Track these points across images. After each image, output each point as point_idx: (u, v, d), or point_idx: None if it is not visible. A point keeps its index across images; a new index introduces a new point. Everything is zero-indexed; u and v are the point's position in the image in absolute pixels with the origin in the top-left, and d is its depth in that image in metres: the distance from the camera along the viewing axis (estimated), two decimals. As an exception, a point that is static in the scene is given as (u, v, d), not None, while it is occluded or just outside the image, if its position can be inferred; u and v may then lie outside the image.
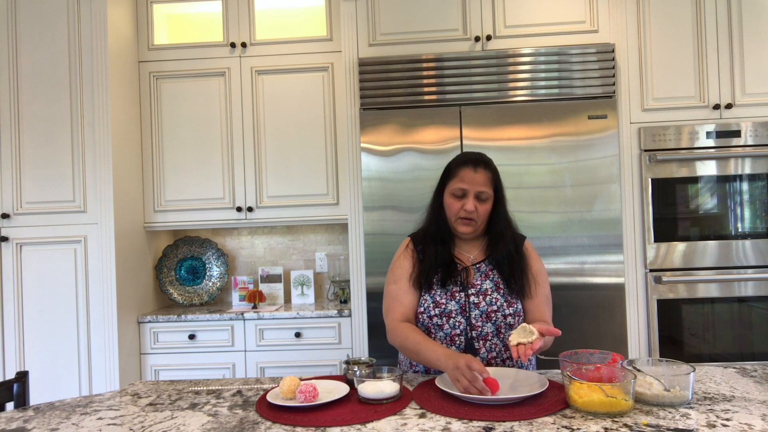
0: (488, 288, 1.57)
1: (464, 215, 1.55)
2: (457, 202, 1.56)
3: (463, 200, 1.55)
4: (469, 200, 1.54)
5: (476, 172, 1.54)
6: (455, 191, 1.56)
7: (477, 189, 1.54)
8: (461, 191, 1.55)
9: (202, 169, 2.89)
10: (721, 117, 2.57)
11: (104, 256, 2.55)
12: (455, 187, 1.56)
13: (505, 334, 1.54)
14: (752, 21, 2.56)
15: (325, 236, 3.20)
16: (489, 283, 1.58)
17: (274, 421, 1.16)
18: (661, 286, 2.52)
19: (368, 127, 2.52)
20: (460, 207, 1.55)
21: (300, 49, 2.88)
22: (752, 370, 1.45)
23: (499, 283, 1.58)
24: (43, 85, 2.57)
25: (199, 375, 2.68)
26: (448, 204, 1.58)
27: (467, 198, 1.54)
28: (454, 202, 1.56)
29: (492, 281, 1.58)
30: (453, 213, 1.57)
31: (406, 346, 1.49)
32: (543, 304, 1.60)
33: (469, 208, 1.54)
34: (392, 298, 1.61)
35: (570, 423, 1.09)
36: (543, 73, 2.52)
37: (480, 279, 1.58)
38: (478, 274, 1.60)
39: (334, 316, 2.66)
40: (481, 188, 1.54)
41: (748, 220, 2.52)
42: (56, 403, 1.35)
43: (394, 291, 1.61)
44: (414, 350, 1.46)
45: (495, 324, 1.54)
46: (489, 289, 1.56)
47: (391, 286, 1.63)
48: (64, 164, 2.57)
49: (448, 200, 1.58)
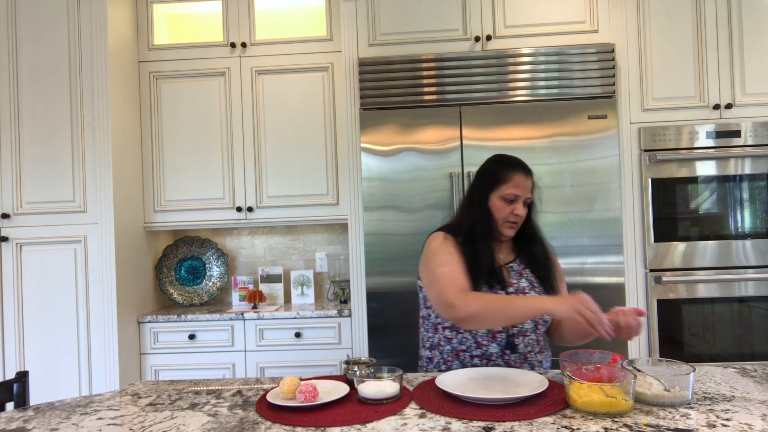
0: (525, 286, 1.60)
1: (513, 219, 1.59)
2: (507, 206, 1.58)
3: (514, 205, 1.58)
4: (520, 205, 1.58)
5: (527, 178, 1.59)
6: (507, 196, 1.57)
7: (527, 195, 1.59)
8: (514, 196, 1.58)
9: (202, 169, 2.89)
10: (721, 117, 2.56)
11: (104, 256, 2.55)
12: (508, 192, 1.57)
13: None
14: (752, 21, 2.56)
15: (325, 236, 3.20)
16: (524, 281, 1.61)
17: (274, 421, 1.16)
18: (661, 286, 2.52)
19: (368, 127, 2.52)
20: (510, 211, 1.58)
21: (300, 49, 2.89)
22: (752, 370, 1.45)
23: (533, 282, 1.62)
24: (43, 84, 2.57)
25: (199, 375, 2.68)
26: (498, 207, 1.59)
27: (517, 203, 1.58)
28: (504, 206, 1.58)
29: (527, 280, 1.62)
30: (502, 216, 1.59)
31: (488, 307, 1.39)
32: None
33: (521, 214, 1.58)
34: (446, 277, 1.49)
35: (570, 423, 1.09)
36: (543, 73, 2.52)
37: (515, 278, 1.62)
38: (513, 273, 1.63)
39: (334, 316, 2.66)
40: (528, 194, 1.60)
41: (748, 220, 2.52)
42: (56, 403, 1.35)
43: (446, 271, 1.51)
44: (503, 304, 1.39)
45: (534, 321, 1.57)
46: (526, 288, 1.60)
47: (440, 269, 1.52)
48: (64, 164, 2.57)
49: (497, 203, 1.59)
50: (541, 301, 1.38)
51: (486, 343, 1.56)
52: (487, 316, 1.39)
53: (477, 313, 1.39)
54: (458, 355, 1.58)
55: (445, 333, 1.60)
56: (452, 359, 1.59)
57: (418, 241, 2.49)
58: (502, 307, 1.38)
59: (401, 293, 2.49)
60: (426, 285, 1.58)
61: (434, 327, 1.63)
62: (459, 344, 1.58)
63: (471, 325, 1.42)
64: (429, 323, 1.66)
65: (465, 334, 1.57)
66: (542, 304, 1.37)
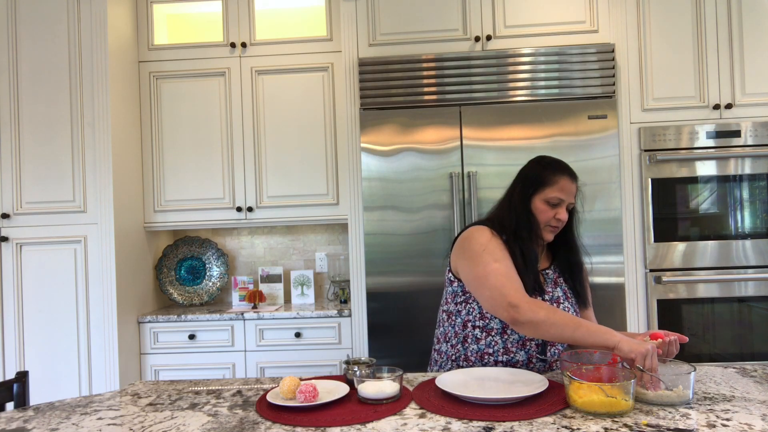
0: (560, 296, 1.56)
1: (555, 224, 1.55)
2: (550, 210, 1.53)
3: (557, 209, 1.54)
4: (563, 210, 1.54)
5: (573, 182, 1.55)
6: (552, 199, 1.53)
7: (570, 199, 1.55)
8: (558, 200, 1.53)
9: (202, 169, 2.89)
10: (721, 117, 2.56)
11: (104, 256, 2.55)
12: (553, 196, 1.53)
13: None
14: (752, 21, 2.56)
15: (325, 236, 3.20)
16: (559, 291, 1.57)
17: (274, 421, 1.16)
18: (661, 286, 2.52)
19: (368, 127, 2.52)
20: (553, 215, 1.53)
21: (300, 49, 2.89)
22: (752, 370, 1.45)
23: (567, 292, 1.58)
24: (43, 85, 2.57)
25: (199, 375, 2.68)
26: (541, 210, 1.54)
27: (561, 207, 1.54)
28: (547, 210, 1.54)
29: (561, 289, 1.58)
30: (544, 220, 1.54)
31: (555, 320, 1.32)
32: (592, 313, 1.66)
33: (563, 218, 1.54)
34: (503, 275, 1.43)
35: (570, 423, 1.09)
36: (543, 73, 2.52)
37: (551, 286, 1.57)
38: (548, 280, 1.59)
39: (334, 316, 2.66)
40: (572, 199, 1.56)
41: (748, 220, 2.52)
42: (56, 403, 1.35)
43: (502, 268, 1.44)
44: (571, 323, 1.31)
45: None
46: (560, 297, 1.55)
47: (495, 265, 1.45)
48: (64, 164, 2.57)
49: (540, 206, 1.54)
50: (611, 335, 1.28)
51: (515, 350, 1.50)
52: (550, 328, 1.32)
53: (542, 322, 1.33)
54: (482, 357, 1.52)
55: (475, 332, 1.53)
56: (476, 360, 1.53)
57: (418, 241, 2.49)
58: (568, 326, 1.31)
59: (401, 293, 2.49)
60: (475, 278, 1.48)
61: (463, 324, 1.56)
62: (487, 347, 1.52)
63: (526, 330, 1.36)
64: (458, 319, 1.57)
65: (495, 337, 1.51)
66: (612, 337, 1.27)
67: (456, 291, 1.59)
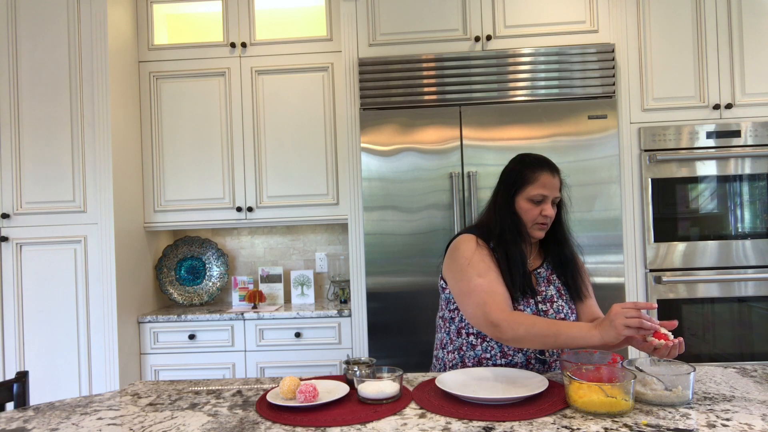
0: (553, 295, 1.55)
1: (542, 221, 1.53)
2: (535, 207, 1.53)
3: (542, 206, 1.53)
4: (548, 206, 1.53)
5: (554, 177, 1.53)
6: (535, 197, 1.52)
7: (555, 194, 1.54)
8: (541, 197, 1.52)
9: (202, 169, 2.89)
10: (721, 117, 2.57)
11: (104, 256, 2.55)
12: (536, 193, 1.52)
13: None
14: (752, 21, 2.56)
15: (325, 236, 3.20)
16: (552, 289, 1.56)
17: (274, 421, 1.16)
18: (661, 286, 2.52)
19: (368, 127, 2.52)
20: (539, 213, 1.52)
21: (300, 49, 2.89)
22: (752, 370, 1.45)
23: (560, 289, 1.57)
24: (43, 85, 2.57)
25: (199, 375, 2.68)
26: (526, 209, 1.53)
27: (545, 203, 1.53)
28: (532, 208, 1.53)
29: (555, 287, 1.56)
30: (531, 218, 1.53)
31: (534, 333, 1.33)
32: (594, 303, 1.61)
33: (549, 214, 1.52)
34: (486, 291, 1.44)
35: (570, 423, 1.09)
36: (543, 73, 2.52)
37: (543, 285, 1.56)
38: (541, 279, 1.57)
39: (334, 316, 2.66)
40: (557, 193, 1.54)
41: (748, 220, 2.52)
42: (56, 403, 1.35)
43: (485, 284, 1.45)
44: (550, 333, 1.32)
45: None
46: (554, 296, 1.55)
47: (479, 280, 1.46)
48: (64, 164, 2.57)
49: (525, 205, 1.53)
50: (590, 336, 1.28)
51: (512, 353, 1.50)
52: (532, 341, 1.35)
53: (522, 338, 1.35)
54: (480, 363, 1.51)
55: (470, 339, 1.53)
56: (474, 365, 1.52)
57: (418, 241, 2.49)
58: (549, 335, 1.32)
59: (401, 293, 2.49)
60: (459, 293, 1.49)
61: (458, 331, 1.56)
62: (484, 352, 1.51)
63: (513, 345, 1.38)
64: (452, 326, 1.58)
65: (491, 342, 1.51)
66: (591, 338, 1.28)
67: (449, 298, 1.59)
